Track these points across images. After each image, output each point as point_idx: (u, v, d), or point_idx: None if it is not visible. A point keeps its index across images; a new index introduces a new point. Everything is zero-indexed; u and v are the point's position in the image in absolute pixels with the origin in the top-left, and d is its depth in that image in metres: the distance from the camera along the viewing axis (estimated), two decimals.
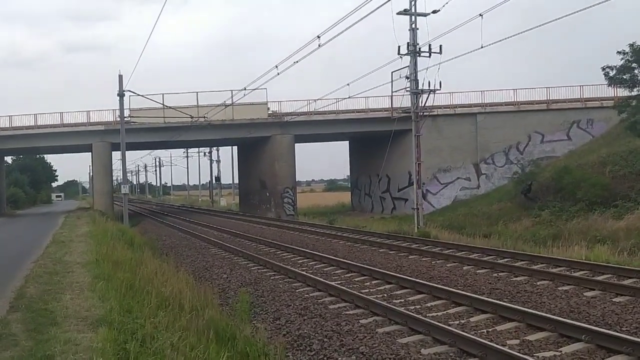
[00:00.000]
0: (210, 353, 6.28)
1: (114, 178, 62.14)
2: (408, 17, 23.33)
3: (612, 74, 27.95)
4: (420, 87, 23.75)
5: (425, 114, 24.99)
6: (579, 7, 15.15)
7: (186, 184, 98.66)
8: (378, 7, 16.86)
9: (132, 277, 9.94)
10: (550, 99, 38.28)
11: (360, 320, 9.11)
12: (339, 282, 12.50)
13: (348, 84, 33.66)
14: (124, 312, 7.41)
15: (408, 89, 24.14)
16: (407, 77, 23.95)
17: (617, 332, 7.78)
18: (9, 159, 66.18)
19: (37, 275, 10.97)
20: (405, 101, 25.81)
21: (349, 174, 53.68)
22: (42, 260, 13.33)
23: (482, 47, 19.39)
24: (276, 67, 22.30)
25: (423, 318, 8.69)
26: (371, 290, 11.63)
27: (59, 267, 12.10)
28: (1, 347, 6.06)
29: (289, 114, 38.55)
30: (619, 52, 27.33)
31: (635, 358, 6.77)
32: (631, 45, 26.89)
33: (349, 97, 32.73)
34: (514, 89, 38.69)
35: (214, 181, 71.98)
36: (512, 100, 38.51)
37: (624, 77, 27.71)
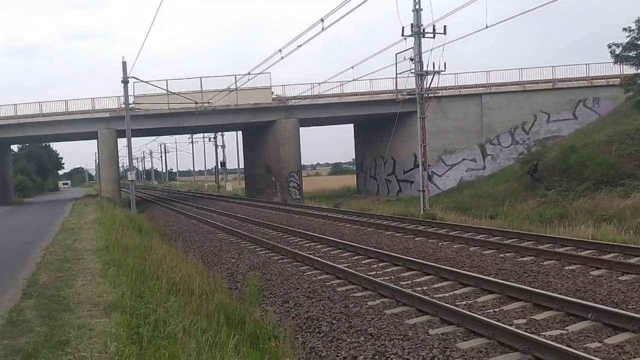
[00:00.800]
0: (222, 336, 6.39)
1: (120, 165, 62.29)
2: None
3: (618, 51, 27.72)
4: (424, 68, 23.63)
5: (430, 95, 24.89)
6: None
7: (192, 169, 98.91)
8: None
9: (142, 263, 10.06)
10: (556, 78, 37.96)
11: (368, 302, 9.21)
12: (346, 264, 12.60)
13: (352, 67, 33.43)
14: (136, 297, 7.52)
15: (412, 70, 24.03)
16: (411, 59, 23.83)
17: (623, 310, 7.85)
18: (14, 148, 66.48)
19: (48, 262, 11.11)
20: (410, 83, 25.67)
21: (354, 157, 53.63)
22: (52, 248, 13.48)
23: (487, 27, 19.22)
24: (280, 51, 22.18)
25: (430, 299, 8.79)
26: (378, 272, 11.73)
27: (70, 254, 12.24)
28: (17, 334, 6.18)
29: (293, 97, 38.45)
30: (625, 29, 27.08)
31: None
32: (637, 22, 26.61)
33: (353, 80, 32.56)
34: (519, 69, 38.37)
35: (219, 166, 72.12)
36: (518, 80, 38.22)
37: (630, 54, 27.48)
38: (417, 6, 23.08)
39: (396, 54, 24.75)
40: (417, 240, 16.13)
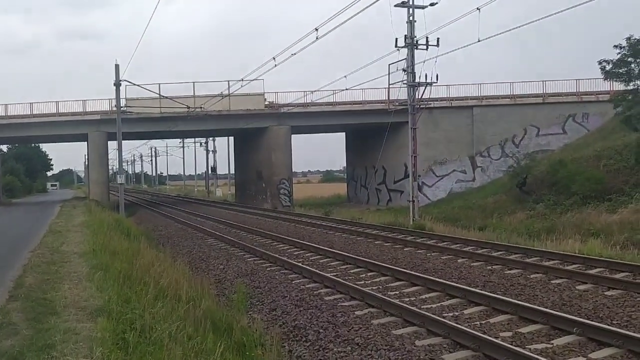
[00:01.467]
0: (208, 343, 6.38)
1: (110, 167, 62.02)
2: (406, 9, 23.34)
3: (608, 67, 28.01)
4: (417, 79, 23.79)
5: (421, 106, 25.05)
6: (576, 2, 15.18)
7: (182, 174, 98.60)
8: (376, 1, 16.86)
9: (129, 268, 10.01)
10: (546, 92, 38.33)
11: (355, 312, 9.22)
12: (335, 273, 12.60)
13: (345, 76, 33.68)
14: (122, 302, 7.48)
15: (405, 81, 24.18)
16: (404, 70, 23.99)
17: (608, 325, 7.91)
18: (4, 148, 66.00)
19: (35, 264, 11.03)
20: (402, 93, 25.85)
21: (345, 165, 53.75)
22: (39, 250, 13.37)
23: (479, 41, 19.47)
24: (273, 58, 22.33)
25: (418, 310, 8.81)
26: (367, 282, 11.74)
27: (57, 256, 12.15)
28: (2, 336, 6.13)
29: (286, 105, 38.53)
30: (615, 46, 27.39)
31: (625, 351, 6.89)
32: (628, 39, 26.93)
33: (345, 89, 32.71)
34: (510, 82, 38.75)
35: (210, 171, 71.95)
36: (509, 93, 38.56)
37: (620, 71, 27.77)
38: (410, 18, 23.27)
39: (389, 65, 24.95)
40: (406, 250, 16.17)
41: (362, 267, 13.32)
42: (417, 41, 23.33)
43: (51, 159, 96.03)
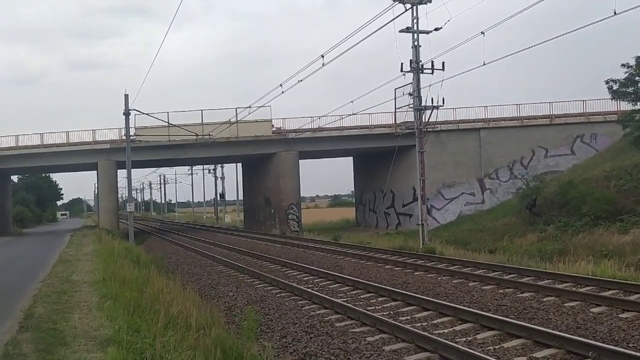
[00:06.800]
0: None
1: (119, 196, 62.29)
2: (410, 34, 23.53)
3: (615, 87, 28.00)
4: (423, 103, 23.86)
5: (428, 129, 25.08)
6: (579, 23, 15.29)
7: (191, 201, 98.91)
8: (381, 27, 17.09)
9: (139, 296, 9.98)
10: (554, 113, 38.38)
11: (366, 338, 9.12)
12: (345, 299, 12.51)
13: (352, 101, 33.91)
14: (132, 331, 7.45)
15: (411, 105, 24.27)
16: (410, 94, 24.09)
17: (624, 348, 7.78)
18: (14, 178, 66.58)
19: (45, 294, 11.03)
20: (408, 117, 25.91)
21: (353, 190, 53.74)
22: (49, 280, 13.40)
23: (484, 64, 19.56)
24: (280, 85, 22.56)
25: (430, 335, 8.71)
26: (377, 307, 11.65)
27: (67, 286, 12.17)
28: None
29: (294, 130, 38.76)
30: (623, 65, 27.39)
31: None
32: (636, 58, 26.93)
33: (352, 114, 32.87)
34: (517, 104, 38.88)
35: (218, 198, 72.14)
36: (516, 115, 38.63)
37: (628, 90, 27.75)
38: (415, 43, 23.45)
39: (395, 89, 25.07)
40: (416, 274, 16.05)
41: (373, 292, 13.22)
42: (422, 65, 23.45)
43: (61, 188, 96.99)
